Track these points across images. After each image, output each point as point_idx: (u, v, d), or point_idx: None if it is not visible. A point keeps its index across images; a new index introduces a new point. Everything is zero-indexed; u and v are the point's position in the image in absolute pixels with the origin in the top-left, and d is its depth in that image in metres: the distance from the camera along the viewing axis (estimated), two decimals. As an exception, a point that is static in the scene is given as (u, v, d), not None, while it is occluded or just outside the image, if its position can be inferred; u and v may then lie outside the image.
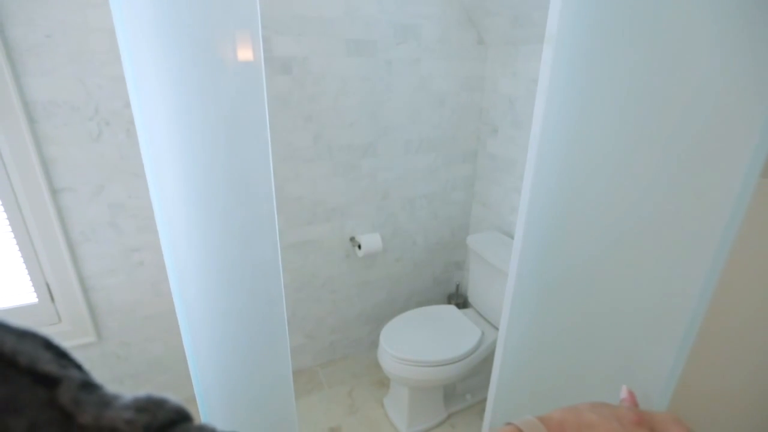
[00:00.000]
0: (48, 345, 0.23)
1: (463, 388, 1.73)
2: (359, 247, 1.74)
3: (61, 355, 0.23)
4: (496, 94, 1.74)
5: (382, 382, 1.85)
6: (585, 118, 0.73)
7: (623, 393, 0.42)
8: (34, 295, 1.36)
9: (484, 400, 1.40)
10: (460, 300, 2.05)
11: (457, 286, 2.11)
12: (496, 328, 1.63)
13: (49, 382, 0.20)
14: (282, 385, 0.88)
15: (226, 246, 0.72)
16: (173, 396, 0.24)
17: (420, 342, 1.51)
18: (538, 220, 0.83)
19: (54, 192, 1.29)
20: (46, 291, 1.37)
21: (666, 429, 0.36)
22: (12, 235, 1.28)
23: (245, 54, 0.59)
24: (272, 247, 0.73)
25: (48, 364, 0.21)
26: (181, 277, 0.69)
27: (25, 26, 1.13)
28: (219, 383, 0.83)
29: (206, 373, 0.79)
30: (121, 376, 1.58)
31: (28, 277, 1.34)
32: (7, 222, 1.26)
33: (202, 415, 0.82)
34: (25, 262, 1.32)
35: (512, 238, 1.63)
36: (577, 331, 0.73)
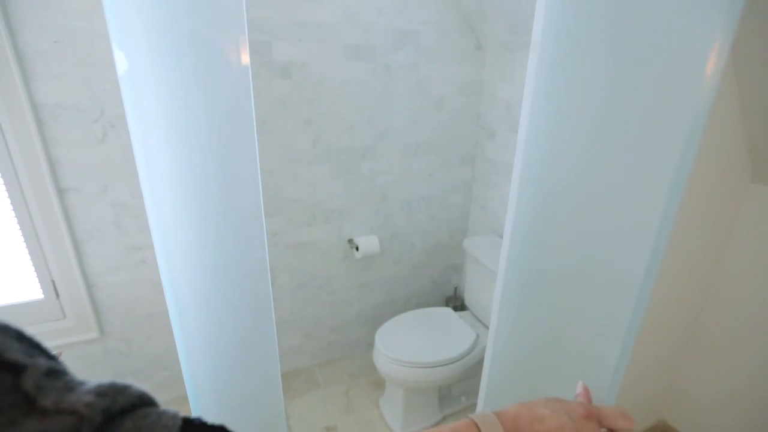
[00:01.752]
0: (20, 337, 0.24)
1: (459, 391, 1.74)
2: (357, 248, 1.77)
3: (33, 346, 0.25)
4: (494, 98, 1.76)
5: (379, 383, 1.87)
6: (564, 124, 0.75)
7: (579, 388, 0.44)
8: (40, 291, 1.41)
9: (478, 401, 1.42)
10: (457, 302, 2.06)
11: (455, 289, 2.13)
12: (492, 331, 1.64)
13: (15, 369, 0.22)
14: (270, 383, 0.91)
15: (216, 247, 0.75)
16: (137, 383, 0.26)
17: (414, 343, 1.53)
18: (522, 223, 0.85)
19: (60, 192, 1.33)
20: (52, 287, 1.41)
21: (613, 422, 0.38)
22: (20, 233, 1.32)
23: (233, 59, 0.62)
24: (260, 247, 0.75)
25: (15, 354, 0.23)
26: (173, 278, 0.72)
27: (35, 32, 1.18)
28: (210, 382, 0.85)
29: (198, 373, 0.82)
30: (122, 372, 1.62)
31: (35, 274, 1.38)
32: (16, 220, 1.31)
33: (194, 412, 0.85)
34: (32, 260, 1.36)
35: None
36: (553, 330, 0.75)
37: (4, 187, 1.27)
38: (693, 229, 1.15)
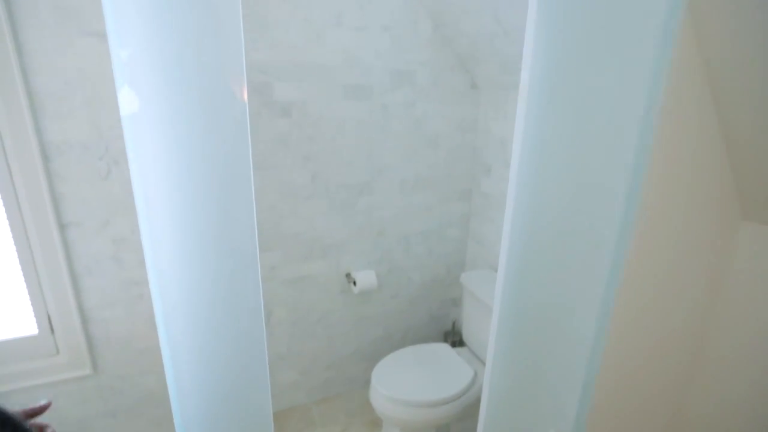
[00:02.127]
0: None
1: (458, 431, 1.69)
2: (354, 283, 1.77)
3: (1, 422, 0.25)
4: (489, 135, 1.81)
5: (376, 423, 1.82)
6: (550, 163, 0.77)
7: None
8: (35, 326, 1.40)
9: (477, 442, 1.38)
10: (456, 338, 2.04)
11: (453, 324, 2.11)
12: (490, 368, 1.61)
13: None
14: (262, 424, 0.89)
15: (211, 287, 0.76)
16: None
17: (411, 381, 1.50)
18: (515, 259, 0.86)
19: (62, 226, 1.35)
20: (47, 322, 1.41)
21: None
22: (19, 267, 1.33)
23: (231, 101, 0.66)
24: (255, 289, 0.76)
25: None
26: (167, 315, 0.73)
27: (48, 74, 1.23)
28: (200, 421, 0.84)
29: (188, 411, 0.81)
30: (114, 410, 1.58)
31: (31, 309, 1.38)
32: (16, 255, 1.32)
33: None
34: (29, 294, 1.37)
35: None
36: (540, 372, 0.75)
37: (6, 222, 1.29)
38: (680, 275, 1.15)
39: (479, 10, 1.43)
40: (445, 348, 1.72)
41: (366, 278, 1.77)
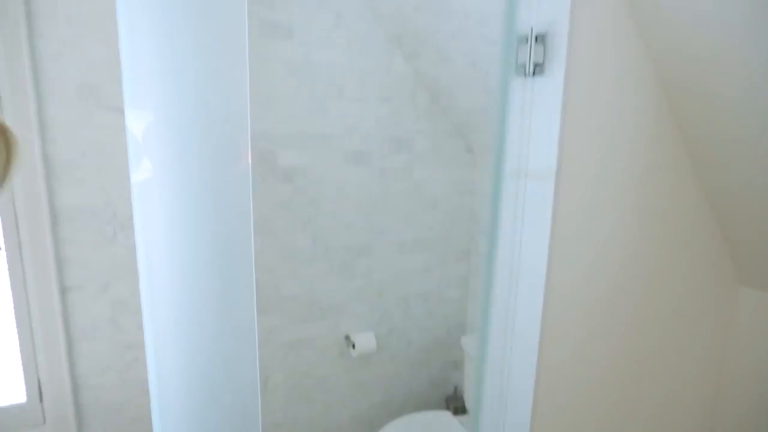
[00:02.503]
0: None
1: None
2: (353, 346, 1.74)
3: None
4: (486, 196, 1.86)
5: (375, 500, 1.70)
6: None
7: None
8: (24, 393, 1.36)
9: None
10: (458, 403, 1.96)
11: (455, 389, 2.03)
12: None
13: None
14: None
15: (208, 349, 0.76)
16: None
17: (412, 453, 1.43)
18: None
19: (63, 290, 1.36)
20: (37, 390, 1.37)
21: None
22: (16, 332, 1.33)
23: (235, 171, 0.70)
24: (251, 359, 0.76)
25: None
26: (161, 377, 0.72)
27: (66, 145, 1.30)
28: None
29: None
30: (97, 486, 1.49)
31: (22, 375, 1.35)
32: (14, 319, 1.32)
33: None
34: (22, 359, 1.34)
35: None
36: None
37: (9, 286, 1.30)
38: (679, 346, 1.13)
39: (473, 85, 1.54)
40: (446, 416, 1.65)
41: (365, 341, 1.74)
